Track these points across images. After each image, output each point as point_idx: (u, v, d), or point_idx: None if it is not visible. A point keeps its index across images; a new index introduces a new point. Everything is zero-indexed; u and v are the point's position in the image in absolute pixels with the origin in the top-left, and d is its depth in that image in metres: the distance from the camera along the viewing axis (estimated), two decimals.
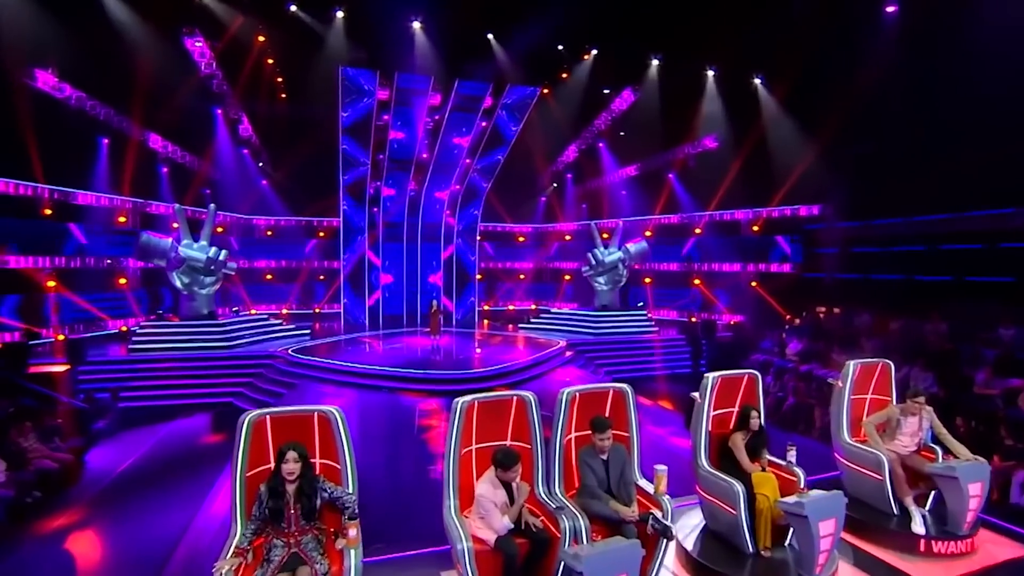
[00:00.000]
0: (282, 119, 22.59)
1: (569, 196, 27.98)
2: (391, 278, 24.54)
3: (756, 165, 19.86)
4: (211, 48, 18.96)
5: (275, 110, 22.35)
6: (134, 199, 19.38)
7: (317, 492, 3.91)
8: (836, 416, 6.19)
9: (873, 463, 5.63)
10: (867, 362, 6.28)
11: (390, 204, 24.30)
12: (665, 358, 19.10)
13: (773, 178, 19.80)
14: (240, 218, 24.09)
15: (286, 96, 22.12)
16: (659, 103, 21.58)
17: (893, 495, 5.47)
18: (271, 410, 4.13)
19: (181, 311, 18.05)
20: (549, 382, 16.09)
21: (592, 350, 19.02)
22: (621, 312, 21.72)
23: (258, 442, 4.04)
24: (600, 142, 25.23)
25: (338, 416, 4.16)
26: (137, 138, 19.01)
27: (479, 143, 22.87)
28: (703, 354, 19.32)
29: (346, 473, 4.15)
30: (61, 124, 16.50)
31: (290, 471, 3.82)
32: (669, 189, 23.95)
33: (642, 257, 22.04)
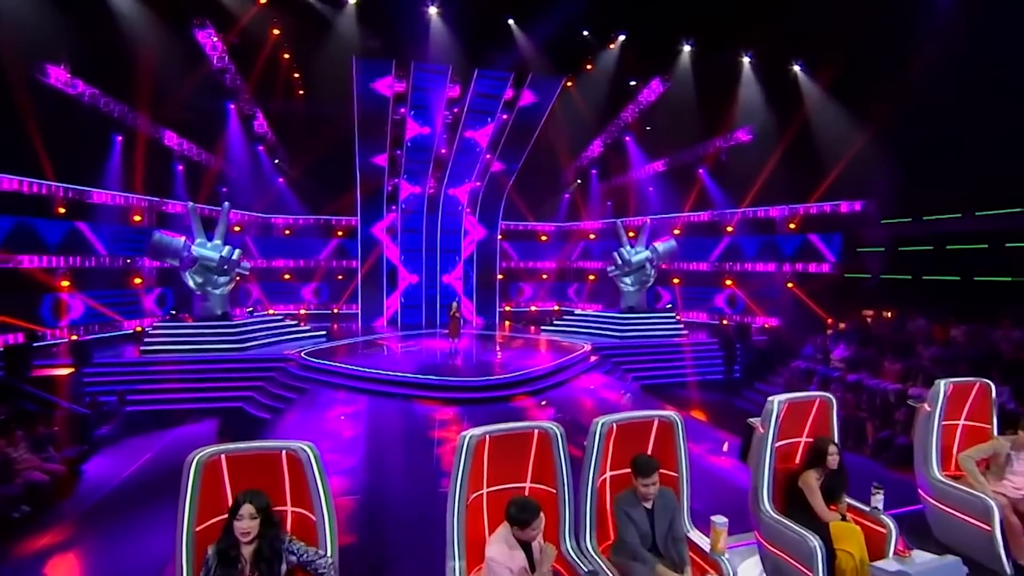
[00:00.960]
0: (297, 114, 22.02)
1: (594, 193, 26.96)
2: (413, 278, 24.00)
3: (794, 159, 18.59)
4: (223, 40, 18.36)
5: (290, 105, 21.77)
6: (149, 197, 18.99)
7: (281, 556, 3.03)
8: (922, 445, 5.13)
9: (977, 509, 4.56)
10: (961, 382, 5.20)
11: (408, 202, 23.67)
12: (696, 363, 18.08)
13: (812, 172, 18.51)
14: (258, 217, 23.68)
15: (301, 89, 21.50)
16: (690, 93, 20.40)
17: (1006, 551, 4.39)
18: (228, 447, 3.26)
19: (194, 311, 17.68)
20: (573, 389, 15.23)
21: (618, 354, 18.13)
22: (648, 314, 20.79)
23: (211, 488, 3.18)
24: (627, 136, 24.13)
25: (311, 454, 3.28)
26: (152, 135, 18.57)
27: (500, 137, 22.03)
28: (737, 359, 18.20)
29: (322, 526, 3.26)
30: (74, 121, 16.13)
31: (245, 530, 2.94)
32: (699, 185, 22.76)
33: (671, 256, 21.08)
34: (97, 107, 16.76)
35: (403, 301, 23.92)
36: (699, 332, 20.97)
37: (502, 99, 20.46)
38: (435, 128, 21.13)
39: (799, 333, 17.51)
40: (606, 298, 24.98)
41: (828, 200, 19.12)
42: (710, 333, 20.74)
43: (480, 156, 22.61)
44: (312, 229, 24.59)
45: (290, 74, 21.19)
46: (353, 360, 15.92)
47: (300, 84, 21.53)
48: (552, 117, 21.98)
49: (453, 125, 21.34)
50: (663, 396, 15.30)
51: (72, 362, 14.11)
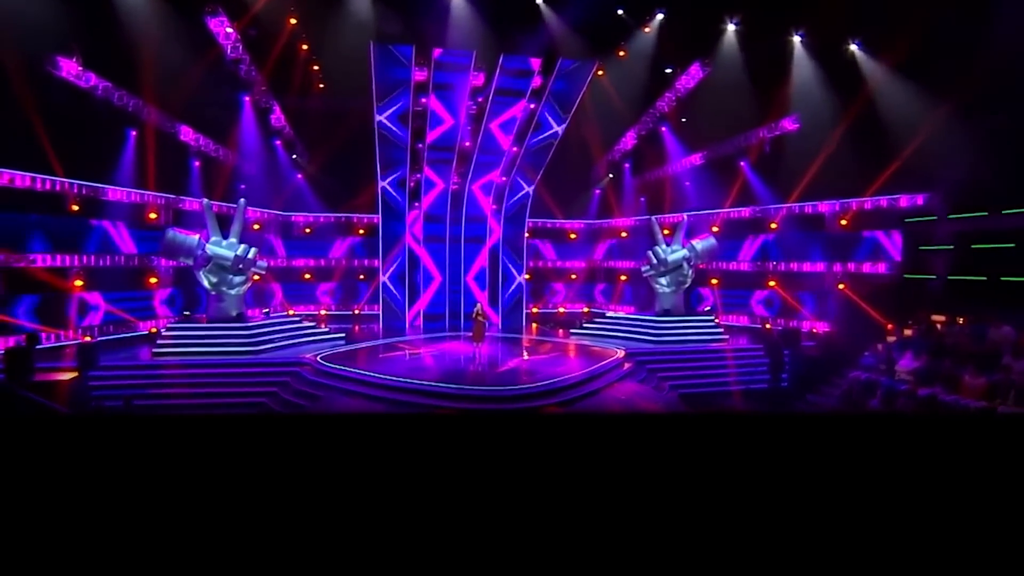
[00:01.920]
0: (316, 107, 21.41)
1: (627, 188, 25.75)
2: (436, 278, 23.27)
3: (849, 148, 17.02)
4: (237, 29, 17.65)
5: (308, 97, 21.17)
6: (166, 195, 18.55)
7: None
8: None
9: None
10: None
11: (431, 198, 22.88)
12: (739, 371, 16.83)
13: (870, 163, 16.93)
14: (278, 215, 23.19)
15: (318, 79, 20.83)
16: (732, 78, 19.00)
17: None
18: None
19: (209, 312, 17.20)
20: (605, 400, 14.07)
21: (654, 361, 17.07)
22: (686, 317, 19.64)
23: None
24: (663, 126, 22.79)
25: None
26: (168, 130, 18.10)
27: (527, 129, 20.97)
28: (785, 367, 16.77)
29: None
30: (87, 115, 15.67)
31: None
32: (741, 179, 21.32)
33: (710, 255, 19.96)
34: (110, 101, 16.22)
35: (425, 302, 23.32)
36: (739, 337, 19.85)
37: (529, 87, 19.31)
38: (458, 119, 20.21)
39: (854, 340, 15.99)
40: (639, 300, 24.07)
41: (886, 194, 17.49)
42: (752, 338, 19.53)
43: (506, 149, 21.57)
44: (332, 227, 24.14)
45: (308, 66, 20.49)
46: (371, 366, 15.24)
47: (319, 76, 20.82)
48: (582, 107, 20.88)
49: (477, 116, 20.38)
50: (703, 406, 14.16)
51: (77, 365, 13.49)
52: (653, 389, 15.84)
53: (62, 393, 12.25)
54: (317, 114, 21.57)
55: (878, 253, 18.03)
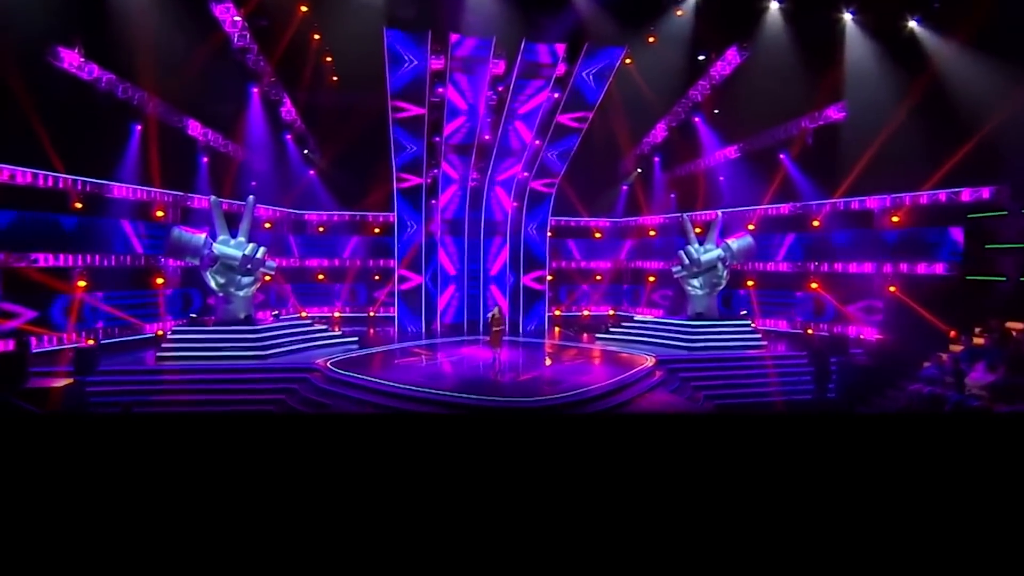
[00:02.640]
0: (328, 99, 20.84)
1: (657, 184, 24.72)
2: (451, 279, 22.64)
3: (905, 137, 15.65)
4: (243, 16, 17.00)
5: (319, 88, 20.58)
6: (174, 192, 18.08)
7: None
8: None
9: None
10: None
11: (448, 195, 22.16)
12: (779, 380, 15.73)
13: (929, 153, 15.56)
14: (291, 213, 22.70)
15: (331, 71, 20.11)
16: (774, 63, 17.74)
17: None
18: None
19: (216, 314, 16.76)
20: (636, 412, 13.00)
21: (687, 369, 16.10)
22: (721, 322, 18.58)
23: None
24: (696, 116, 21.63)
25: None
26: (174, 124, 17.64)
27: (550, 121, 20.02)
28: (831, 376, 15.55)
29: None
30: (89, 109, 15.18)
31: None
32: (780, 173, 20.08)
33: (747, 255, 18.82)
34: (114, 93, 15.70)
35: (442, 305, 22.63)
36: (778, 343, 18.76)
37: (553, 75, 18.34)
38: (477, 110, 19.37)
39: (910, 348, 14.67)
40: (668, 303, 23.11)
41: (945, 187, 16.12)
42: (793, 345, 18.40)
43: (528, 142, 20.68)
44: (347, 226, 23.64)
45: (321, 57, 19.80)
46: (384, 373, 14.59)
47: (331, 68, 20.13)
48: (610, 96, 19.86)
49: (498, 107, 19.53)
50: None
51: (74, 370, 12.90)
52: (687, 400, 14.76)
53: (56, 400, 11.63)
54: (329, 107, 21.08)
55: (935, 252, 16.65)
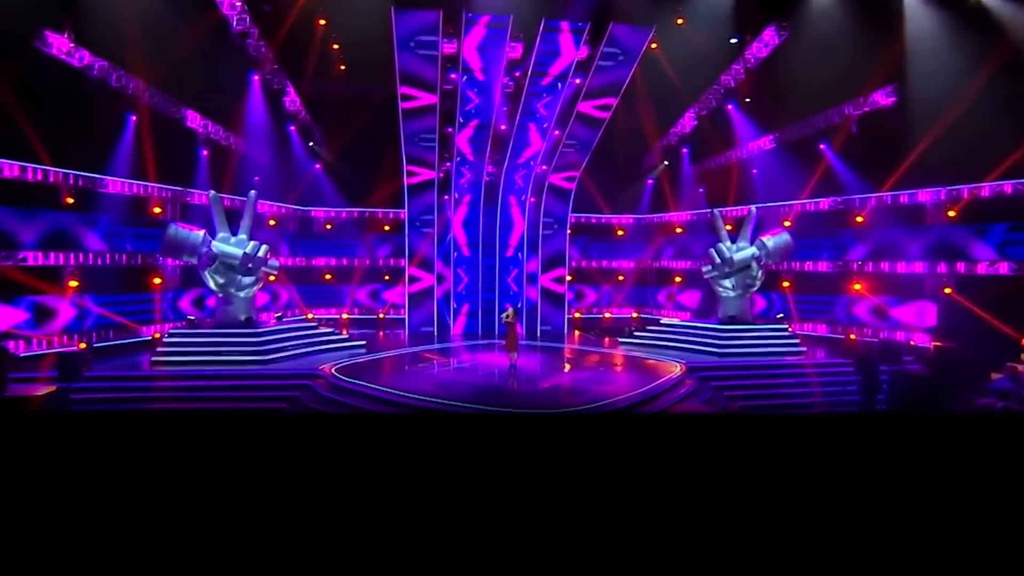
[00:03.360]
0: (335, 88, 20.08)
1: (685, 177, 23.65)
2: (468, 279, 22.01)
3: (966, 122, 14.39)
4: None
5: (324, 76, 19.71)
6: (171, 187, 17.46)
7: None
8: None
9: None
10: None
11: (462, 190, 21.44)
12: (822, 391, 14.56)
13: (991, 140, 14.31)
14: (297, 210, 22.14)
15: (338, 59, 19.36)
16: (818, 43, 16.62)
17: None
18: None
19: (216, 316, 16.22)
20: None
21: (719, 377, 15.14)
22: (755, 326, 17.62)
23: None
24: (729, 103, 20.53)
25: None
26: (173, 115, 17.00)
27: (571, 109, 19.08)
28: (881, 387, 14.38)
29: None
30: (81, 98, 14.54)
31: None
32: (821, 164, 18.91)
33: (784, 253, 17.75)
34: (106, 82, 15.04)
35: (456, 306, 21.96)
36: (816, 349, 17.77)
37: (575, 59, 17.37)
38: (493, 98, 18.49)
39: (973, 356, 13.48)
40: (695, 305, 22.26)
41: (1011, 178, 14.86)
42: (835, 351, 17.30)
43: (547, 133, 19.79)
44: (355, 223, 22.96)
45: (327, 44, 19.02)
46: (393, 380, 14.00)
47: (338, 56, 19.40)
48: (635, 83, 18.92)
49: (515, 94, 18.66)
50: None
51: (57, 376, 12.22)
52: (720, 413, 13.73)
53: (36, 409, 10.91)
54: (336, 97, 20.41)
55: (999, 250, 15.40)
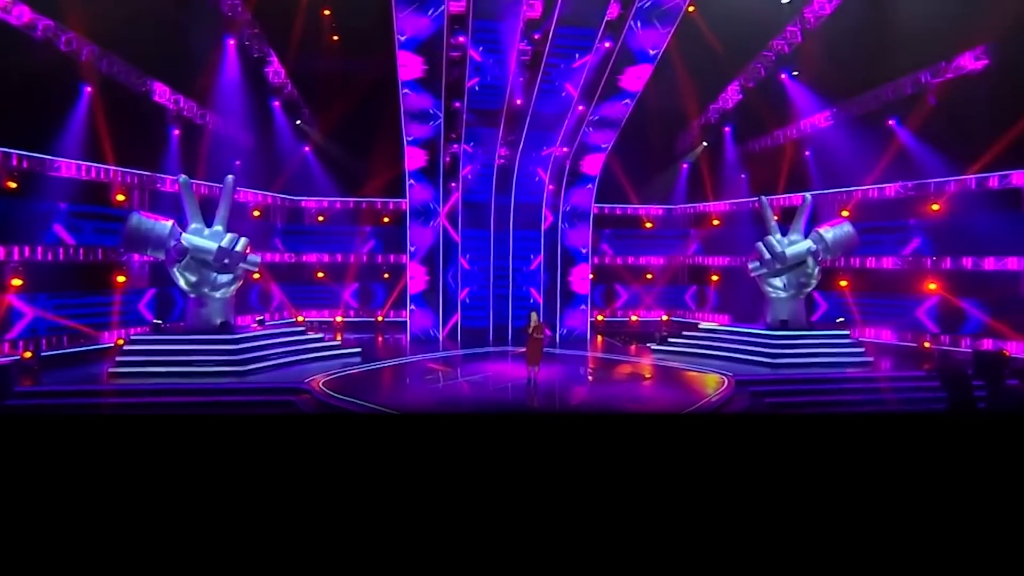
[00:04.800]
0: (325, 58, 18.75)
1: (727, 160, 22.05)
2: (478, 278, 21.00)
3: None
4: None
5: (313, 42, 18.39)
6: (138, 171, 16.17)
7: None
8: None
9: None
10: None
11: (472, 176, 20.12)
12: (898, 409, 12.86)
13: None
14: (284, 199, 20.98)
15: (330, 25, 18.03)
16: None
17: None
18: None
19: (187, 320, 15.20)
20: None
21: (773, 392, 13.81)
22: (812, 332, 16.28)
23: None
24: (783, 73, 18.84)
25: None
26: (137, 88, 15.62)
27: (599, 80, 17.52)
28: (975, 407, 12.48)
29: None
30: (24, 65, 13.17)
31: None
32: (890, 143, 17.21)
33: (845, 247, 16.33)
34: (54, 45, 13.62)
35: (465, 308, 20.79)
36: (883, 358, 16.31)
37: (603, 20, 15.78)
38: (507, 67, 17.03)
39: None
40: (734, 307, 20.96)
41: None
42: (909, 362, 15.80)
43: (570, 109, 18.26)
44: (351, 215, 21.88)
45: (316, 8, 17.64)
46: (390, 396, 12.99)
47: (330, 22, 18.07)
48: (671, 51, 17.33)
49: (533, 62, 17.05)
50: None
51: None
52: None
53: None
54: (327, 67, 19.15)
55: None
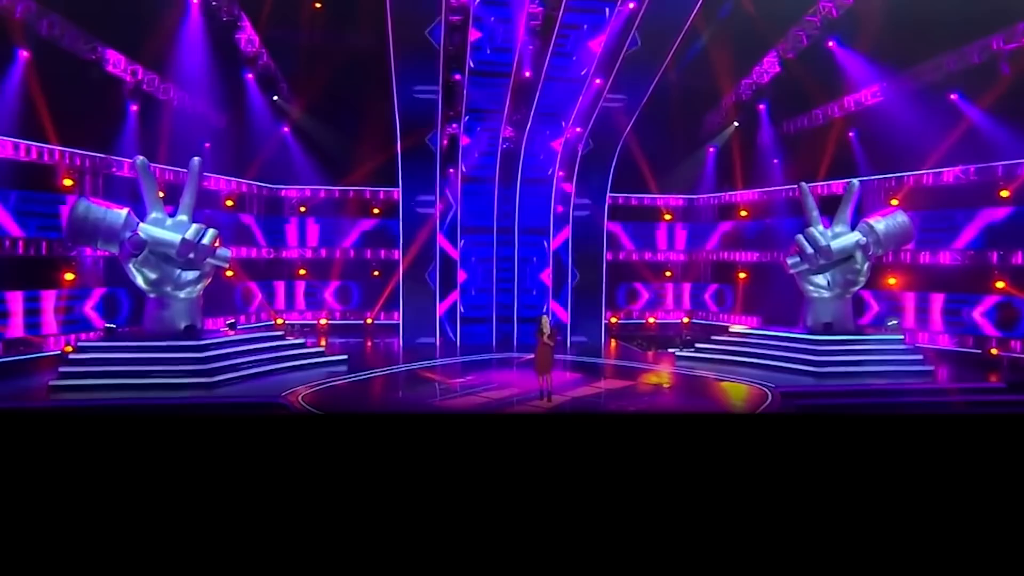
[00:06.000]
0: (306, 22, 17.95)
1: (763, 142, 21.19)
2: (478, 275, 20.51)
3: None
4: None
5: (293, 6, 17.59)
6: (89, 153, 15.26)
7: None
8: None
9: None
10: None
11: (473, 160, 19.46)
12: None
13: None
14: (261, 187, 20.15)
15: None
16: None
17: None
18: None
19: (145, 324, 14.48)
20: None
21: (823, 406, 13.39)
22: (861, 337, 15.71)
23: None
24: (830, 39, 17.85)
25: None
26: (85, 55, 14.51)
27: (619, 49, 16.59)
28: None
29: None
30: None
31: None
32: (953, 121, 16.26)
33: (900, 239, 15.73)
34: None
35: (464, 310, 20.27)
36: (942, 366, 15.58)
37: None
38: (515, 34, 16.20)
39: None
40: (766, 308, 20.37)
41: None
42: (974, 371, 15.07)
43: (586, 83, 17.41)
44: (337, 205, 21.16)
45: None
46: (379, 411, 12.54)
47: None
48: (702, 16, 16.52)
49: (544, 28, 16.20)
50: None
51: None
52: None
53: None
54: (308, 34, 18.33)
55: None
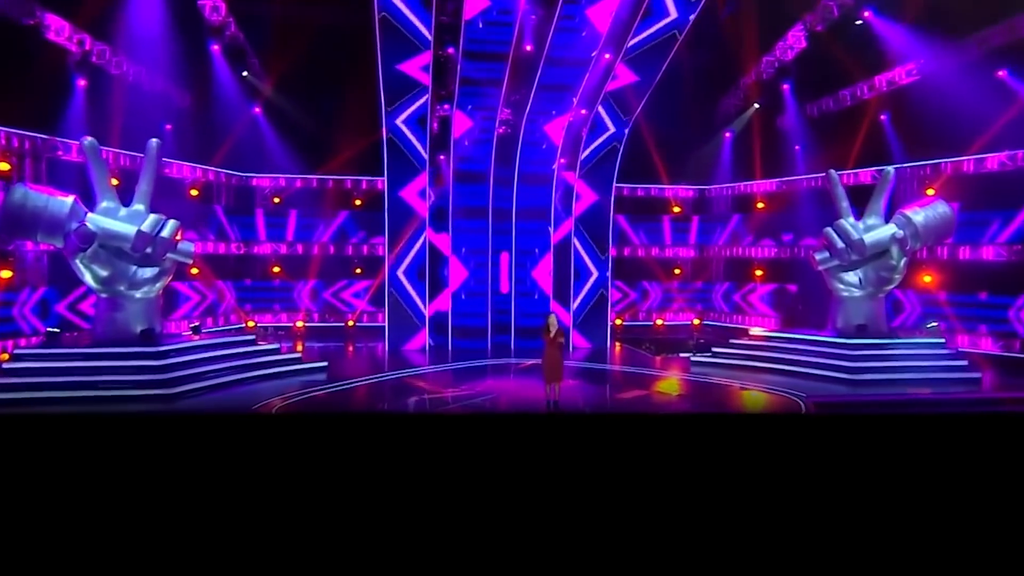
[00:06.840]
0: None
1: (786, 126, 20.81)
2: (472, 272, 20.05)
3: None
4: None
5: None
6: (31, 133, 14.60)
7: None
8: None
9: None
10: None
11: (466, 145, 18.96)
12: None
13: None
14: (229, 175, 19.78)
15: None
16: None
17: None
18: None
19: (96, 328, 13.95)
20: None
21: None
22: (899, 341, 15.23)
23: None
24: (866, 9, 17.31)
25: None
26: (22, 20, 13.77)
27: (631, 20, 15.98)
28: None
29: None
30: None
31: None
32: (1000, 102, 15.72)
33: (940, 233, 15.22)
34: None
35: (456, 310, 19.84)
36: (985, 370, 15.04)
37: None
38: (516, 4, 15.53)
39: None
40: (784, 307, 20.49)
41: None
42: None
43: (594, 58, 16.79)
44: (314, 195, 21.05)
45: None
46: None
47: None
48: None
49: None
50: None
51: None
52: None
53: None
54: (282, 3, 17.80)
55: None
